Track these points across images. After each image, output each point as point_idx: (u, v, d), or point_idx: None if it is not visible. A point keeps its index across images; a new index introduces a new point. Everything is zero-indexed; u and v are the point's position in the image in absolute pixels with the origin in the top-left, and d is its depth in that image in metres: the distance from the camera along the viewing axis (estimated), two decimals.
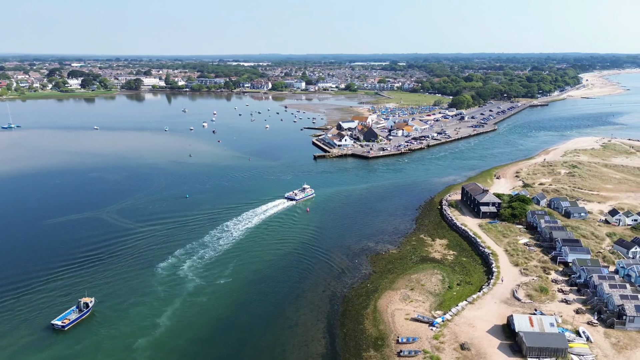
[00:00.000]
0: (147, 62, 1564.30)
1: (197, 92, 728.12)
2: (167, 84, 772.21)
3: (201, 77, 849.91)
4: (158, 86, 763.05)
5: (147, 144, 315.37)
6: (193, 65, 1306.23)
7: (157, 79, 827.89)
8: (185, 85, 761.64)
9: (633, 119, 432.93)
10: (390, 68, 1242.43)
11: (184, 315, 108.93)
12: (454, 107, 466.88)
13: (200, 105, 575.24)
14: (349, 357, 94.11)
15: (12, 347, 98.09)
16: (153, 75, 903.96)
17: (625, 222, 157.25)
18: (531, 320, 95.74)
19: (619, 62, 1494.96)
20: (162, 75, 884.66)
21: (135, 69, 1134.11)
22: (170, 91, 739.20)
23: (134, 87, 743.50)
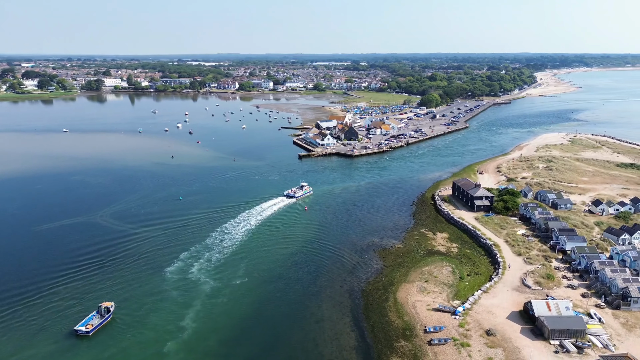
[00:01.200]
0: (102, 62, 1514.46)
1: (162, 93, 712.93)
2: (130, 84, 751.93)
3: (164, 78, 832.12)
4: (120, 87, 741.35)
5: (125, 146, 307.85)
6: (153, 65, 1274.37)
7: (118, 79, 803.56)
8: (149, 85, 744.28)
9: (591, 115, 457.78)
10: (353, 68, 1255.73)
11: (208, 317, 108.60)
12: (423, 105, 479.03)
13: (169, 106, 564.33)
14: (381, 348, 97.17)
15: (37, 356, 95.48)
16: (113, 75, 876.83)
17: (608, 212, 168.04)
18: (548, 305, 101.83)
19: (568, 62, 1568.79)
20: (122, 76, 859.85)
21: (91, 69, 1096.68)
22: (133, 92, 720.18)
23: (95, 88, 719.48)
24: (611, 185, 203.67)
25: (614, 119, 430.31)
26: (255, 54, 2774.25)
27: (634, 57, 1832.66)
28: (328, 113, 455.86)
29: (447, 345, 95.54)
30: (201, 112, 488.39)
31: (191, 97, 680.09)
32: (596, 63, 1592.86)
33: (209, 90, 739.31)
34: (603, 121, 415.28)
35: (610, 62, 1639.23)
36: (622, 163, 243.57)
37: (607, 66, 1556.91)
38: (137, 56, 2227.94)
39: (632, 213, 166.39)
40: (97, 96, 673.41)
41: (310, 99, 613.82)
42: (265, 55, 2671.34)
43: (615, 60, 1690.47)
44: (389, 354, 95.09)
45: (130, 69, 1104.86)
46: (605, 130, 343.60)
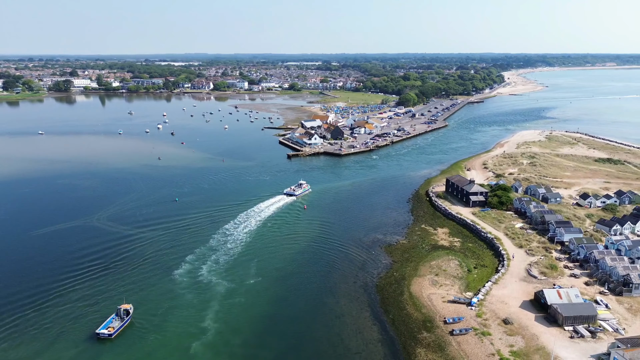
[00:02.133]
0: (66, 62, 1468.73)
1: (134, 94, 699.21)
2: (100, 85, 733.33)
3: (135, 78, 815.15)
4: (90, 87, 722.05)
5: (107, 148, 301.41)
6: (120, 65, 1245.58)
7: (87, 80, 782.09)
8: (121, 86, 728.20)
9: (560, 113, 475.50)
10: (325, 68, 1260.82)
11: (228, 317, 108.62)
12: (401, 105, 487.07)
13: (144, 107, 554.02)
14: (405, 340, 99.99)
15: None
16: (80, 76, 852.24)
17: (596, 204, 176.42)
18: (559, 293, 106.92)
19: (531, 62, 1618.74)
20: (91, 76, 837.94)
21: (56, 69, 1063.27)
22: (104, 93, 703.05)
23: (63, 89, 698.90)
24: (593, 180, 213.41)
25: (582, 116, 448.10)
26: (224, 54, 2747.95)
27: (593, 56, 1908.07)
28: (308, 113, 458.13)
29: (468, 335, 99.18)
30: (179, 112, 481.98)
31: (165, 97, 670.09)
32: (558, 63, 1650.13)
33: (182, 91, 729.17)
34: (572, 118, 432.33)
35: (571, 62, 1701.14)
36: (600, 158, 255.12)
37: (568, 66, 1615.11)
38: (101, 56, 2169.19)
39: (618, 205, 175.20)
40: (66, 97, 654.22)
41: (288, 99, 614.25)
42: (234, 55, 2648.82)
43: (575, 60, 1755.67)
44: (414, 345, 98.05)
45: (96, 69, 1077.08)
46: (578, 127, 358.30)
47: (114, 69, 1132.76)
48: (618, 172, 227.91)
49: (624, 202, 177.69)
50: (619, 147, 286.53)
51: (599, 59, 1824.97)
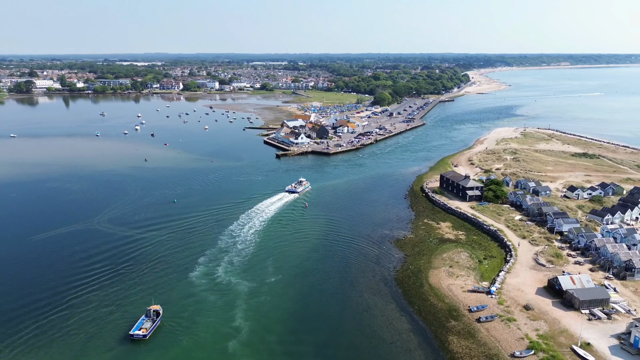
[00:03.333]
0: (20, 62, 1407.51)
1: (101, 94, 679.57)
2: (64, 86, 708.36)
3: (100, 79, 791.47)
4: (54, 88, 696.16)
5: (88, 150, 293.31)
6: (80, 65, 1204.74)
7: (49, 80, 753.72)
8: (87, 87, 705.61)
9: (528, 110, 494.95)
10: (292, 68, 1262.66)
11: (257, 315, 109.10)
12: (376, 104, 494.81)
13: (116, 108, 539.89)
14: (435, 329, 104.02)
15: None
16: (40, 76, 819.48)
17: (583, 196, 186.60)
18: (572, 279, 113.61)
19: (491, 61, 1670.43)
20: (52, 77, 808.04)
21: (12, 70, 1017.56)
22: (69, 94, 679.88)
23: (25, 90, 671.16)
24: (574, 173, 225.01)
25: (549, 114, 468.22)
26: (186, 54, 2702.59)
27: (548, 56, 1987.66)
28: (286, 113, 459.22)
29: (494, 321, 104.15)
30: (153, 113, 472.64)
31: (133, 98, 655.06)
32: (516, 62, 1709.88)
33: (151, 91, 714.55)
34: (541, 116, 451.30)
35: (528, 62, 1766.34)
36: (576, 153, 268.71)
37: (526, 65, 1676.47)
38: (56, 56, 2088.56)
39: (603, 196, 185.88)
40: (28, 99, 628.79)
41: (261, 99, 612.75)
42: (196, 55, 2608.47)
43: (532, 60, 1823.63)
44: (445, 333, 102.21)
45: (55, 70, 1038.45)
46: (549, 124, 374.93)
47: (74, 69, 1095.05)
48: (595, 165, 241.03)
49: (608, 194, 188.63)
50: (591, 143, 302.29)
51: (553, 59, 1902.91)
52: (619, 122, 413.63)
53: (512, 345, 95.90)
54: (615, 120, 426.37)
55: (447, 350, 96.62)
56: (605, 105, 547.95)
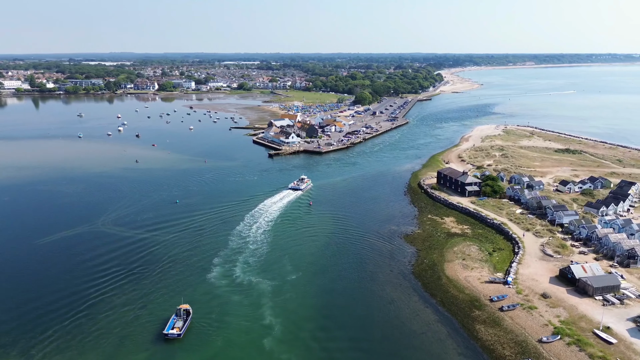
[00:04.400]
0: None
1: (73, 95, 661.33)
2: (34, 86, 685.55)
3: (70, 79, 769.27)
4: (23, 89, 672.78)
5: (74, 152, 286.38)
6: (46, 65, 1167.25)
7: (17, 81, 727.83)
8: (57, 87, 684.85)
9: (505, 109, 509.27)
10: (266, 67, 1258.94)
11: (286, 312, 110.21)
12: (358, 103, 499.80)
13: (92, 108, 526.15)
14: (461, 319, 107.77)
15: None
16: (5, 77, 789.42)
17: (574, 190, 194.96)
18: (584, 268, 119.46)
19: (460, 61, 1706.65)
20: (17, 77, 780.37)
21: None
22: (39, 94, 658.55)
23: None
24: (561, 168, 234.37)
25: (524, 112, 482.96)
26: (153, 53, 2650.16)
27: (514, 56, 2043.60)
28: (269, 112, 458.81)
29: (516, 310, 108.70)
30: (132, 114, 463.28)
31: (107, 99, 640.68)
32: (484, 62, 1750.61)
33: (125, 92, 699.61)
34: (517, 113, 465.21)
35: (495, 61, 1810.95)
36: (559, 149, 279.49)
37: (493, 65, 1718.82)
38: (18, 55, 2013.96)
39: (593, 190, 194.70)
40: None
41: (240, 99, 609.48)
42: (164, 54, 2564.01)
43: (499, 60, 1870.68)
44: (471, 322, 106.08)
45: (20, 70, 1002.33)
46: (528, 122, 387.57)
47: (40, 69, 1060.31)
48: (579, 161, 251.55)
49: (597, 187, 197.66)
50: (570, 139, 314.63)
51: (519, 59, 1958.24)
52: (592, 119, 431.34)
53: (537, 331, 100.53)
54: (588, 117, 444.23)
55: (476, 339, 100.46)
56: (578, 103, 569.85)
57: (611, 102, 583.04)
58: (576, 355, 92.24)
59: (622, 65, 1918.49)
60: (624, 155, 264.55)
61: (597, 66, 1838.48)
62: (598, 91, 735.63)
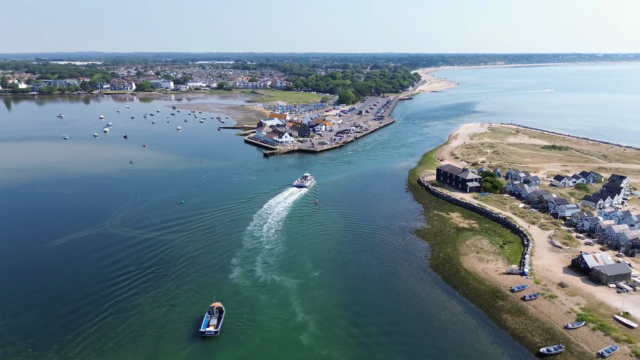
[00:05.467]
0: None
1: (47, 95, 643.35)
2: (5, 86, 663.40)
3: (43, 79, 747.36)
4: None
5: (64, 153, 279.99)
6: (14, 65, 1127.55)
7: None
8: (31, 88, 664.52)
9: (485, 107, 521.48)
10: (242, 67, 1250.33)
11: (317, 308, 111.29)
12: (342, 103, 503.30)
13: (72, 109, 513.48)
14: (487, 309, 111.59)
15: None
16: None
17: (569, 184, 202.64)
18: (595, 258, 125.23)
19: (433, 61, 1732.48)
20: None
21: None
22: (12, 95, 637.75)
23: None
24: (552, 164, 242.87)
25: (504, 110, 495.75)
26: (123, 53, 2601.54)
27: (485, 56, 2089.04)
28: (254, 112, 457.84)
29: (538, 299, 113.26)
30: (114, 114, 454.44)
31: (83, 99, 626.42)
32: (456, 62, 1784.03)
33: (102, 92, 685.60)
34: (498, 112, 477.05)
35: (467, 61, 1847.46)
36: (546, 146, 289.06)
37: (465, 65, 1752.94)
38: None
39: (586, 184, 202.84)
40: None
41: (221, 99, 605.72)
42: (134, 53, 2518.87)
43: (470, 59, 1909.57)
44: (497, 312, 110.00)
45: None
46: (511, 120, 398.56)
47: (7, 69, 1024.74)
48: (567, 157, 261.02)
49: (589, 181, 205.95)
50: (554, 136, 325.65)
51: (489, 58, 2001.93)
52: (568, 117, 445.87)
53: (562, 318, 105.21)
54: (564, 115, 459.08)
55: (505, 327, 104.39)
56: (552, 101, 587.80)
57: (582, 101, 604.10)
58: (602, 339, 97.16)
59: (587, 64, 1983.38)
60: (607, 150, 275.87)
61: (563, 66, 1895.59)
62: (570, 90, 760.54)
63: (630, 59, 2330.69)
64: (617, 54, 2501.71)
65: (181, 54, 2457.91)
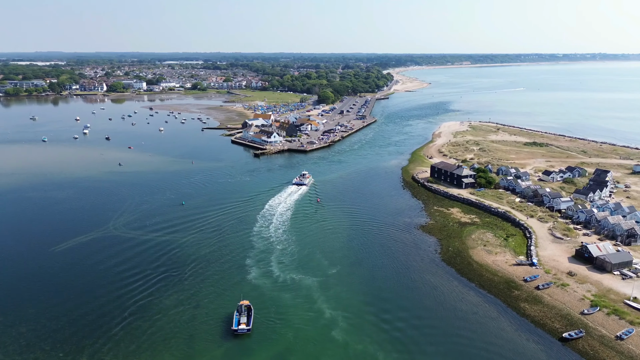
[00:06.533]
0: None
1: (14, 97, 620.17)
2: None
3: (6, 79, 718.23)
4: None
5: (47, 157, 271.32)
6: None
7: None
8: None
9: (461, 106, 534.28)
10: (213, 67, 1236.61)
11: (342, 304, 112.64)
12: (322, 102, 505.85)
13: (44, 111, 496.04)
14: (505, 299, 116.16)
15: None
16: None
17: (557, 179, 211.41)
18: (598, 247, 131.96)
19: (402, 61, 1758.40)
20: None
21: None
22: None
23: None
24: (536, 160, 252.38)
25: (479, 108, 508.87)
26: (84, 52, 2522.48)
27: (452, 56, 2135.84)
28: (234, 112, 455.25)
29: (551, 287, 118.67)
30: (89, 116, 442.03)
31: (52, 101, 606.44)
32: (425, 62, 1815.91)
33: (71, 93, 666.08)
34: (473, 110, 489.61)
35: (435, 61, 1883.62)
36: (527, 142, 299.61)
37: (433, 65, 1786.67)
38: None
39: (572, 178, 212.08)
40: None
41: (197, 99, 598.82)
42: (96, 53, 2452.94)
43: (438, 59, 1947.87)
44: (515, 301, 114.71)
45: None
46: (489, 118, 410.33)
47: None
48: (548, 153, 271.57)
49: (575, 176, 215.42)
50: (533, 133, 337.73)
51: (456, 58, 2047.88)
52: (538, 115, 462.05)
53: (577, 305, 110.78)
54: (535, 113, 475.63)
55: (525, 315, 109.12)
56: (521, 100, 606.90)
57: (551, 99, 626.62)
58: (617, 323, 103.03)
59: (548, 64, 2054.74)
60: (585, 146, 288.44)
61: (525, 65, 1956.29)
62: (538, 89, 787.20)
63: (587, 59, 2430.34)
64: (576, 54, 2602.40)
65: (146, 54, 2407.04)
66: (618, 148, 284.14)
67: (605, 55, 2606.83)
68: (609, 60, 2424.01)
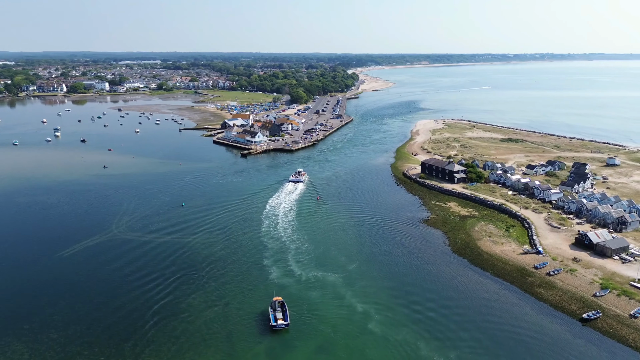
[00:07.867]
0: None
1: None
2: None
3: None
4: None
5: (25, 161, 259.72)
6: None
7: None
8: None
9: (430, 104, 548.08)
10: (173, 67, 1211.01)
11: (370, 298, 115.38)
12: (295, 102, 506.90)
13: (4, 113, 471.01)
14: (520, 285, 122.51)
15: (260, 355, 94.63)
16: None
17: (540, 172, 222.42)
18: (597, 234, 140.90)
19: (363, 61, 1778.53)
20: None
21: None
22: None
23: None
24: (515, 155, 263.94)
25: (447, 106, 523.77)
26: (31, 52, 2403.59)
27: (410, 56, 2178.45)
28: (208, 113, 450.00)
29: (561, 273, 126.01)
30: (55, 118, 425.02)
31: (8, 102, 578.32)
32: (385, 62, 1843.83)
33: (29, 94, 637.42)
34: (443, 109, 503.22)
35: (394, 61, 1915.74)
36: (503, 139, 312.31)
37: (393, 64, 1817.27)
38: None
39: (554, 171, 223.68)
40: None
41: (164, 100, 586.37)
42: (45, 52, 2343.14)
43: (397, 59, 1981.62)
44: (531, 287, 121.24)
45: None
46: (461, 115, 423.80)
47: None
48: (525, 148, 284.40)
49: (556, 169, 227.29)
50: (505, 129, 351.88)
51: (415, 58, 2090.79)
52: (508, 112, 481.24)
53: (588, 288, 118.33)
54: (504, 110, 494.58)
55: (543, 299, 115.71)
56: (484, 98, 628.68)
57: (512, 97, 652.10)
58: (629, 303, 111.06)
59: (500, 64, 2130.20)
60: (556, 141, 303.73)
61: (480, 65, 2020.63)
62: (498, 87, 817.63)
63: (536, 59, 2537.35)
64: (526, 54, 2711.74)
65: (99, 54, 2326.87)
66: (587, 142, 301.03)
67: (553, 55, 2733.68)
68: (556, 60, 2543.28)
